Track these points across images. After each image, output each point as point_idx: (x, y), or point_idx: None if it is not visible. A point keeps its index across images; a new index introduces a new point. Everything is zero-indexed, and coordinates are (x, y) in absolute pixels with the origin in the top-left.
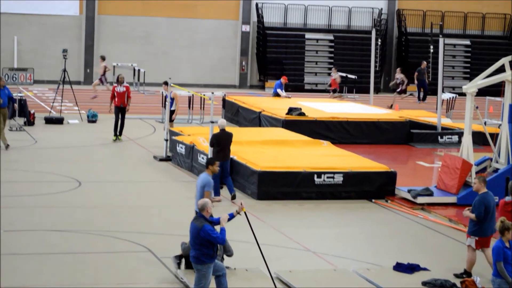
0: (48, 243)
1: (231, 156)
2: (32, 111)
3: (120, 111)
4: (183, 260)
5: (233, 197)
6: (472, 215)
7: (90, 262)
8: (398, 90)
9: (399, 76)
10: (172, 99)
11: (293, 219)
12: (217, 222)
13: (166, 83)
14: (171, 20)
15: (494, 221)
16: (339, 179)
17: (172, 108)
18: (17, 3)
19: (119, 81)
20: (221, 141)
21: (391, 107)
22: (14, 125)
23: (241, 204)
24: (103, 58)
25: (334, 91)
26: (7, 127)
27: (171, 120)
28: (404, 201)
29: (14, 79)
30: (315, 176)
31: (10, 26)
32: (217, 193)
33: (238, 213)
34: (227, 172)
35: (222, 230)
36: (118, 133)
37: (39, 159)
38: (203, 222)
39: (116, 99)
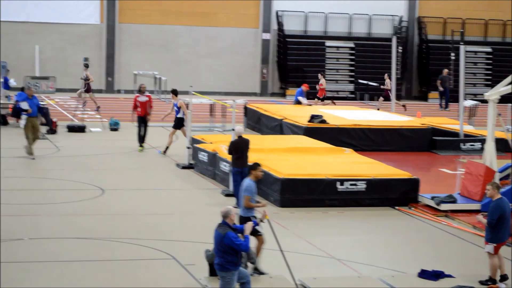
0: (72, 251)
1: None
2: (54, 120)
3: (143, 120)
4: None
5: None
6: (485, 220)
7: (114, 270)
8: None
9: (387, 82)
10: (179, 108)
11: (316, 226)
12: (241, 229)
13: (173, 92)
14: (192, 29)
15: (509, 227)
16: (362, 186)
17: (179, 116)
18: (39, 12)
19: (141, 90)
20: (239, 148)
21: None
22: None
23: (264, 212)
24: (86, 66)
25: (323, 99)
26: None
27: (177, 128)
28: (428, 208)
29: (36, 87)
30: (338, 183)
31: (31, 35)
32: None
33: (262, 220)
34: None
35: (246, 238)
36: (140, 143)
37: (61, 167)
38: (226, 230)
39: (138, 109)
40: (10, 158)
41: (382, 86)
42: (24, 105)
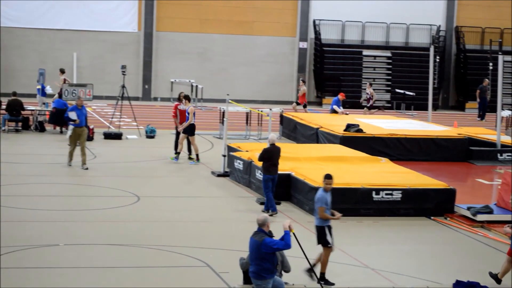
0: (107, 257)
1: (289, 172)
2: (91, 127)
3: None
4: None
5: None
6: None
7: (148, 276)
8: (368, 105)
9: (368, 91)
10: (189, 114)
11: (351, 235)
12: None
13: (186, 98)
14: (229, 37)
15: None
16: (397, 196)
17: (189, 122)
18: (77, 20)
19: (181, 99)
20: (273, 156)
21: None
22: None
23: (290, 225)
24: (62, 71)
25: (304, 105)
26: (66, 142)
27: (191, 133)
28: (464, 219)
29: (73, 95)
30: (373, 192)
31: (69, 43)
32: (274, 208)
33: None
34: (274, 186)
35: (286, 235)
36: (188, 152)
37: (98, 174)
38: (263, 236)
39: (178, 117)
40: (47, 164)
41: (364, 100)
42: (73, 115)
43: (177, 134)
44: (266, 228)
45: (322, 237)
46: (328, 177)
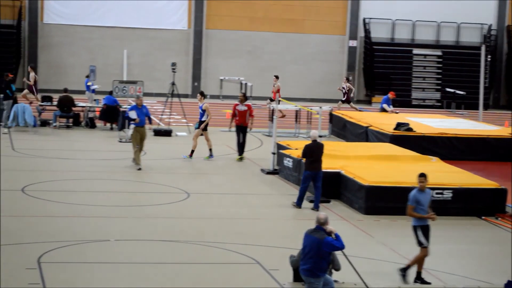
0: (156, 253)
1: (338, 170)
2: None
3: (241, 130)
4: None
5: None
6: None
7: (198, 272)
8: (343, 99)
9: (345, 85)
10: (204, 111)
11: (401, 234)
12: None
13: (201, 94)
14: (279, 35)
15: None
16: (448, 195)
17: (203, 119)
18: (127, 17)
19: (241, 100)
20: (314, 152)
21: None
22: (123, 137)
23: (331, 230)
24: (33, 68)
25: (271, 100)
26: (116, 139)
27: (200, 129)
28: None
29: (124, 91)
30: None
31: (120, 40)
32: (298, 203)
33: (329, 235)
34: (320, 182)
35: (338, 236)
36: (240, 153)
37: (148, 171)
38: (324, 235)
39: (237, 118)
40: (98, 160)
41: (339, 89)
42: (133, 114)
43: (238, 135)
44: (326, 227)
45: (416, 237)
46: (421, 175)
